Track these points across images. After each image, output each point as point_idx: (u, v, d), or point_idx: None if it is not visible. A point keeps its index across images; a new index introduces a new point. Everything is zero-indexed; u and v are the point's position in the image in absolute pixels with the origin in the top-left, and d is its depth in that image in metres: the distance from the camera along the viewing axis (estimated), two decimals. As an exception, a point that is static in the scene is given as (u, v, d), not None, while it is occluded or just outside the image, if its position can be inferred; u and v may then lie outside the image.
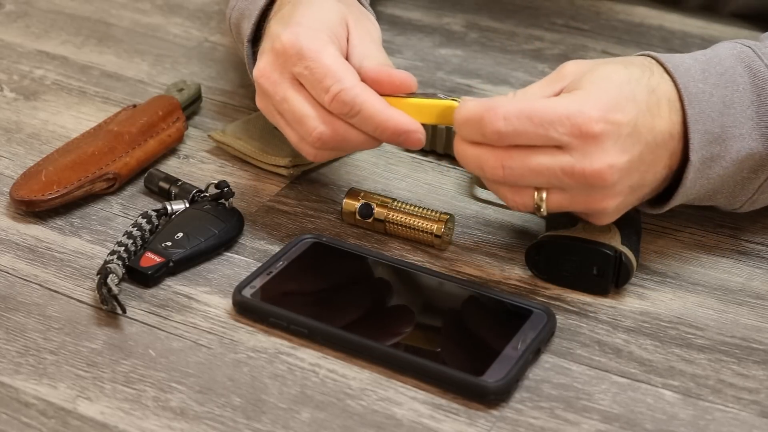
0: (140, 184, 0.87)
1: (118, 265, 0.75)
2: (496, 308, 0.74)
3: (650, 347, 0.72)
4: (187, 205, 0.83)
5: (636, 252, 0.77)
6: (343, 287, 0.78)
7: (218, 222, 0.81)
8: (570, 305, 0.76)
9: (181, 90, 0.95)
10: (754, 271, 0.79)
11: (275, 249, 0.80)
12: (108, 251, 0.79)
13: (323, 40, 0.76)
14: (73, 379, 0.69)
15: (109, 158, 0.86)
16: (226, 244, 0.80)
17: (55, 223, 0.83)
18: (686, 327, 0.74)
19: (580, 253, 0.76)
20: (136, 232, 0.79)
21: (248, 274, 0.76)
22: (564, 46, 1.07)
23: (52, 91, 1.00)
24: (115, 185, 0.86)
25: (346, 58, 0.78)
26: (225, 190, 0.83)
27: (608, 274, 0.75)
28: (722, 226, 0.83)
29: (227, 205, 0.82)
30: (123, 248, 0.77)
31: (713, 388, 0.70)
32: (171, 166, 0.90)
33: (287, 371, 0.70)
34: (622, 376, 0.70)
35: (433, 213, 0.80)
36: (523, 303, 0.74)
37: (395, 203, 0.81)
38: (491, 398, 0.67)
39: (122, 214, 0.84)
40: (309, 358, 0.71)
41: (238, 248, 0.81)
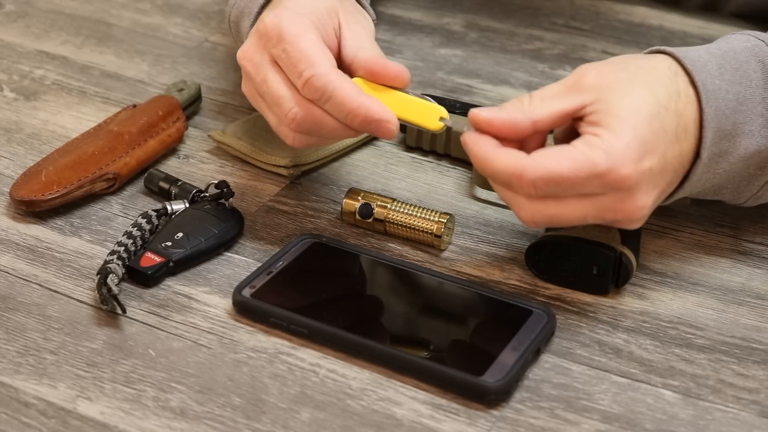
0: (140, 184, 0.87)
1: (118, 265, 0.75)
2: (496, 308, 0.74)
3: (650, 347, 0.72)
4: (187, 205, 0.83)
5: (636, 252, 0.77)
6: (343, 287, 0.78)
7: (218, 222, 0.81)
8: (570, 305, 0.76)
9: (181, 90, 0.95)
10: (754, 271, 0.79)
11: (275, 249, 0.80)
12: (108, 251, 0.79)
13: (305, 25, 0.76)
14: (73, 379, 0.69)
15: (109, 158, 0.86)
16: (226, 244, 0.80)
17: (55, 223, 0.83)
18: (686, 327, 0.74)
19: (580, 253, 0.76)
20: (136, 232, 0.79)
21: (248, 274, 0.76)
22: (564, 46, 1.07)
23: (52, 91, 1.00)
24: (115, 185, 0.86)
25: (339, 50, 0.78)
26: (225, 190, 0.83)
27: (608, 274, 0.75)
28: (722, 226, 0.83)
29: (227, 205, 0.82)
30: (123, 248, 0.77)
31: (713, 388, 0.69)
32: (171, 166, 0.90)
33: (287, 371, 0.70)
34: (622, 376, 0.70)
35: (433, 213, 0.80)
36: (523, 303, 0.74)
37: (395, 203, 0.81)
38: (491, 398, 0.67)
39: (122, 214, 0.84)
40: (309, 358, 0.71)
41: (238, 248, 0.81)
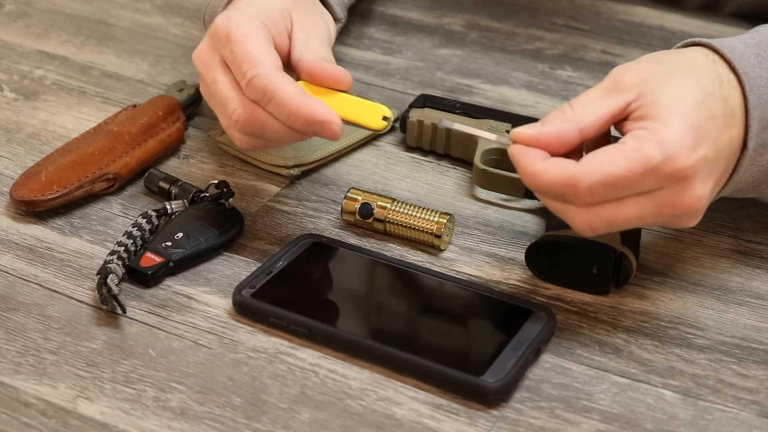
0: (140, 184, 0.87)
1: (118, 265, 0.75)
2: (496, 308, 0.74)
3: (650, 347, 0.72)
4: (187, 205, 0.83)
5: (636, 252, 0.77)
6: (343, 287, 0.78)
7: (218, 222, 0.80)
8: (570, 305, 0.76)
9: (181, 90, 0.95)
10: (754, 271, 0.79)
11: (275, 249, 0.80)
12: (108, 251, 0.79)
13: (253, 26, 0.76)
14: (73, 379, 0.69)
15: (109, 158, 0.86)
16: (226, 244, 0.80)
17: (55, 223, 0.83)
18: (686, 327, 0.74)
19: (580, 253, 0.76)
20: (136, 232, 0.79)
21: (248, 274, 0.76)
22: (564, 46, 1.07)
23: (52, 91, 1.00)
24: (115, 185, 0.86)
25: (289, 51, 0.78)
26: (225, 190, 0.82)
27: (608, 274, 0.75)
28: (722, 226, 0.83)
29: (227, 205, 0.82)
30: (123, 248, 0.77)
31: (713, 388, 0.69)
32: (171, 166, 0.90)
33: (287, 371, 0.70)
34: (622, 376, 0.70)
35: (433, 213, 0.80)
36: (523, 303, 0.74)
37: (395, 203, 0.81)
38: (491, 398, 0.67)
39: (122, 214, 0.84)
40: (309, 358, 0.71)
41: (238, 248, 0.81)
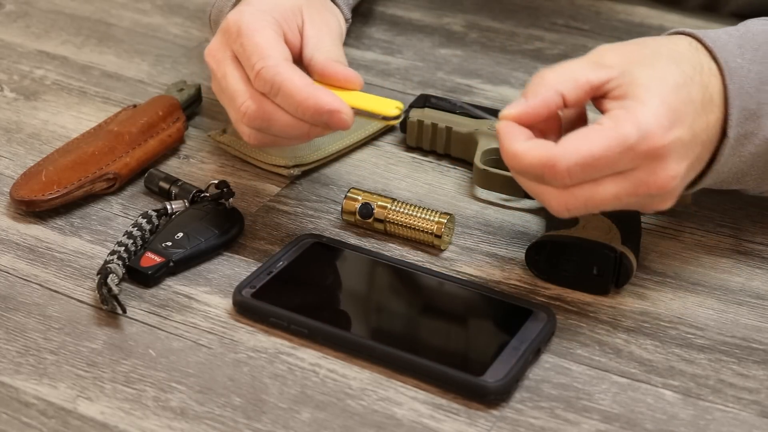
0: (140, 184, 0.87)
1: (118, 265, 0.75)
2: (496, 308, 0.74)
3: (650, 347, 0.72)
4: (187, 205, 0.83)
5: (636, 252, 0.77)
6: (343, 287, 0.78)
7: (218, 222, 0.80)
8: (570, 305, 0.76)
9: (181, 90, 0.95)
10: (754, 271, 0.79)
11: (275, 249, 0.80)
12: (108, 251, 0.79)
13: (265, 21, 0.76)
14: (73, 379, 0.69)
15: (109, 158, 0.86)
16: (226, 244, 0.80)
17: (55, 223, 0.83)
18: (686, 327, 0.74)
19: (580, 253, 0.76)
20: (136, 232, 0.79)
21: (248, 274, 0.76)
22: (564, 46, 1.07)
23: (52, 91, 1.00)
24: (115, 185, 0.86)
25: (300, 48, 0.78)
26: (225, 190, 0.82)
27: (608, 274, 0.75)
28: (722, 226, 0.83)
29: (227, 205, 0.82)
30: (123, 248, 0.77)
31: (713, 388, 0.69)
32: (171, 166, 0.90)
33: (287, 371, 0.70)
34: (622, 376, 0.70)
35: (433, 213, 0.80)
36: (523, 303, 0.74)
37: (395, 203, 0.81)
38: (491, 398, 0.67)
39: (122, 214, 0.84)
40: (309, 358, 0.71)
41: (238, 248, 0.81)
